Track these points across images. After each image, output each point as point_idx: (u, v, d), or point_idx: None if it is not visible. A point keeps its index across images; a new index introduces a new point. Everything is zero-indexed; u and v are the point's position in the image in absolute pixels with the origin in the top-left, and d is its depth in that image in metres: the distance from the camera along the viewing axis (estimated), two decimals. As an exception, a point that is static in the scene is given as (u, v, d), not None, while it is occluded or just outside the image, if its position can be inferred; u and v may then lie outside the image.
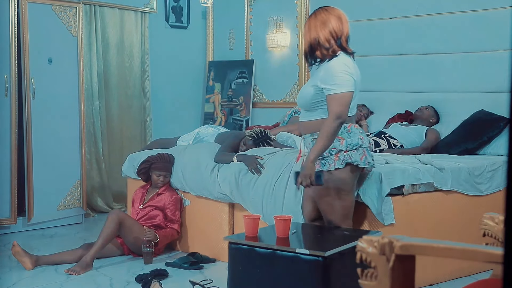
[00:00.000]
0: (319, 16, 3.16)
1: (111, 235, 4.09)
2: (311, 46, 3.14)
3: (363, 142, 3.10)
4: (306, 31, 3.18)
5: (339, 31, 3.15)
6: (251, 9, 6.56)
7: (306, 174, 2.99)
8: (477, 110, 4.76)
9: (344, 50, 3.13)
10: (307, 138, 3.16)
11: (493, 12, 4.86)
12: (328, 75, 3.02)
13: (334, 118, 2.96)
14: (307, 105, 3.13)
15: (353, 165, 3.07)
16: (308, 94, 3.11)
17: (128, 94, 6.28)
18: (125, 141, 6.27)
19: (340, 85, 2.99)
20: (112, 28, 6.13)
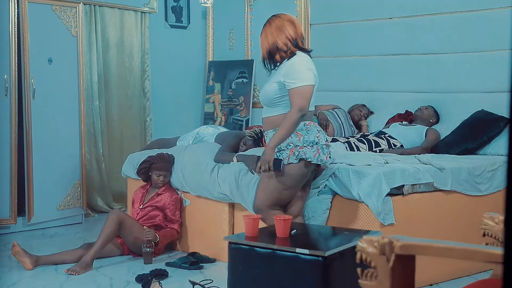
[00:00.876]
0: (273, 23, 3.41)
1: (111, 235, 4.09)
2: (270, 51, 3.38)
3: (319, 140, 3.25)
4: (263, 39, 3.43)
5: (294, 34, 3.37)
6: (251, 9, 6.56)
7: (266, 159, 3.19)
8: (477, 110, 4.76)
9: (302, 50, 3.36)
10: (270, 134, 3.31)
11: (493, 12, 4.86)
12: (290, 70, 3.23)
13: (296, 110, 3.16)
14: (269, 102, 3.30)
15: (306, 161, 3.22)
16: (271, 90, 3.28)
17: (128, 94, 6.27)
18: (125, 141, 6.27)
19: (301, 79, 3.20)
20: (112, 28, 6.12)
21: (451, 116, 4.95)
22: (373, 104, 5.55)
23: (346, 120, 5.38)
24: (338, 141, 4.72)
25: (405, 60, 5.38)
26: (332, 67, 5.93)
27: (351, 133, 5.29)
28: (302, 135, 3.22)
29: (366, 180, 3.50)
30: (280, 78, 3.25)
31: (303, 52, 3.34)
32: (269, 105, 3.31)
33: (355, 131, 5.38)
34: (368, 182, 3.49)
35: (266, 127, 3.36)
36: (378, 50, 5.57)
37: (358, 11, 5.70)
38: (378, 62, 5.56)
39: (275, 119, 3.29)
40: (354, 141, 4.70)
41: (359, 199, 3.51)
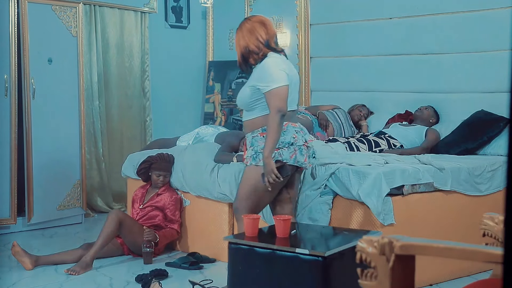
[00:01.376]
0: (244, 27, 3.40)
1: (111, 235, 4.09)
2: (243, 55, 3.36)
3: (296, 141, 3.24)
4: (236, 44, 3.43)
5: (265, 35, 3.36)
6: (251, 9, 6.56)
7: (268, 170, 3.13)
8: (477, 110, 4.76)
9: (274, 50, 3.35)
10: (249, 137, 3.32)
11: (493, 12, 4.86)
12: (262, 73, 3.24)
13: (275, 112, 3.15)
14: (246, 106, 3.32)
15: (282, 162, 3.21)
16: (245, 95, 3.30)
17: (128, 94, 6.27)
18: (125, 141, 6.27)
19: (274, 81, 3.19)
20: (112, 28, 6.12)
21: (451, 116, 4.95)
22: (373, 104, 5.55)
23: (346, 120, 5.38)
24: (338, 141, 4.72)
25: (405, 60, 5.38)
26: (332, 67, 5.93)
27: (351, 133, 5.29)
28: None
29: (366, 180, 3.50)
30: (253, 82, 3.27)
31: (275, 52, 3.32)
32: (246, 109, 3.33)
33: (355, 131, 5.38)
34: (368, 182, 3.49)
35: (246, 130, 3.38)
36: (378, 50, 5.57)
37: (358, 11, 5.70)
38: (378, 62, 5.56)
39: (253, 121, 3.30)
40: (354, 141, 4.70)
41: (359, 199, 3.51)
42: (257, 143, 3.25)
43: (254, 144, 3.26)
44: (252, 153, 3.25)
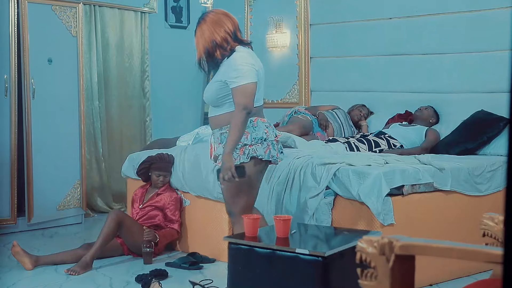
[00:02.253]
0: (208, 18, 3.30)
1: (110, 235, 4.09)
2: (208, 50, 3.24)
3: (268, 136, 3.19)
4: (199, 37, 3.30)
5: (232, 26, 3.28)
6: (251, 9, 6.56)
7: (226, 167, 3.06)
8: (477, 110, 4.76)
9: (241, 43, 3.27)
10: (216, 133, 3.27)
11: (493, 12, 4.86)
12: (231, 69, 3.14)
13: (240, 109, 3.08)
14: (213, 101, 3.24)
15: (257, 158, 3.16)
16: (213, 90, 3.21)
17: (128, 94, 6.28)
18: (125, 141, 6.27)
19: (242, 77, 3.10)
20: (112, 28, 6.12)
21: (450, 116, 4.95)
22: (373, 104, 5.55)
23: (346, 121, 5.38)
24: (338, 141, 4.72)
25: (405, 60, 5.38)
26: (332, 67, 5.93)
27: (351, 133, 5.29)
28: (250, 132, 3.16)
29: (366, 180, 3.50)
30: (221, 77, 3.18)
31: (243, 45, 3.25)
32: (214, 104, 3.24)
33: (355, 131, 5.38)
34: (368, 182, 3.49)
35: (213, 126, 3.30)
36: (378, 50, 5.57)
37: (358, 11, 5.70)
38: (377, 62, 5.56)
39: (221, 118, 3.23)
40: (354, 141, 4.70)
41: (359, 199, 3.51)
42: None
43: (224, 141, 3.18)
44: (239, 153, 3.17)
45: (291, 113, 5.42)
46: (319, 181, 3.65)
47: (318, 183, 3.64)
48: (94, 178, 5.94)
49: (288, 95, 6.29)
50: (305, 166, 3.74)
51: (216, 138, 3.26)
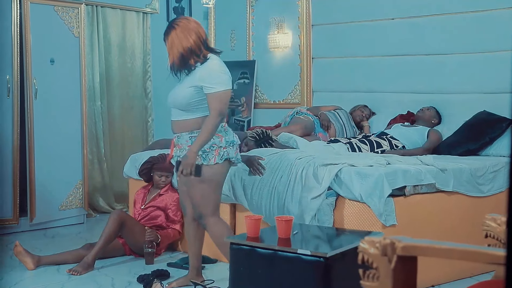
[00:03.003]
0: (182, 25, 3.33)
1: (112, 235, 4.09)
2: (183, 55, 3.30)
3: (236, 139, 3.37)
4: (171, 44, 3.34)
5: (203, 34, 3.36)
6: (253, 9, 6.56)
7: (189, 163, 3.21)
8: (479, 111, 4.75)
9: (212, 51, 3.35)
10: (185, 136, 3.34)
11: (496, 13, 4.85)
12: (207, 75, 3.23)
13: (217, 115, 3.21)
14: (184, 105, 3.31)
15: (229, 160, 3.33)
16: (187, 95, 3.28)
17: (130, 94, 6.28)
18: (127, 142, 6.27)
19: (220, 83, 3.22)
20: (114, 29, 6.13)
21: (453, 117, 4.94)
22: (374, 105, 5.54)
23: (347, 121, 5.38)
24: (339, 142, 4.72)
25: (407, 61, 5.37)
26: (334, 68, 5.93)
27: (352, 134, 5.29)
28: (223, 136, 3.30)
29: (367, 181, 3.50)
30: (196, 83, 3.25)
31: (214, 54, 3.34)
32: (185, 109, 3.31)
33: (357, 132, 5.37)
34: (370, 183, 3.49)
35: (181, 129, 3.36)
36: (380, 50, 5.57)
37: (360, 12, 5.70)
38: (379, 63, 5.56)
39: (192, 122, 3.32)
40: (356, 142, 4.69)
41: (361, 200, 3.51)
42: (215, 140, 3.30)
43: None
44: (200, 154, 3.26)
45: (293, 114, 5.42)
46: (321, 181, 3.64)
47: (320, 184, 3.64)
48: (96, 179, 5.94)
49: (290, 95, 6.29)
50: (307, 166, 3.74)
51: (185, 141, 3.34)
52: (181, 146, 3.35)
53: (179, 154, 3.35)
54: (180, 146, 3.37)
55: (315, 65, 6.11)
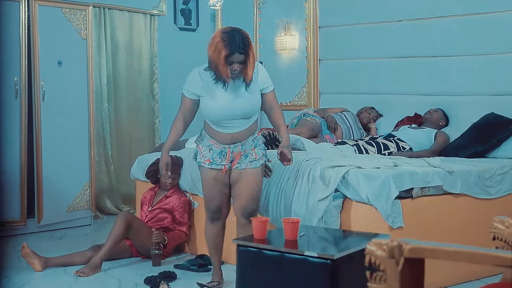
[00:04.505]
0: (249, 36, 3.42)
1: (120, 237, 4.10)
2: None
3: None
4: (252, 57, 3.34)
5: None
6: (260, 11, 6.57)
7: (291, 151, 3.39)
8: (487, 113, 4.74)
9: None
10: (250, 141, 3.44)
11: (504, 15, 4.84)
12: (266, 77, 3.46)
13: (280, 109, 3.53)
14: (256, 111, 3.46)
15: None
16: (258, 101, 3.44)
17: (137, 96, 6.29)
18: (134, 143, 6.28)
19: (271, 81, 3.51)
20: (121, 31, 6.15)
21: (460, 119, 4.92)
22: (382, 106, 5.53)
23: (354, 123, 5.37)
24: (346, 143, 4.71)
25: (414, 63, 5.36)
26: (341, 70, 5.92)
27: (359, 136, 5.28)
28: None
29: (375, 183, 3.49)
30: (260, 87, 3.43)
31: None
32: (253, 115, 3.43)
33: (364, 134, 5.37)
34: (377, 185, 3.48)
35: (247, 136, 3.43)
36: (387, 52, 5.56)
37: (367, 14, 5.69)
38: (387, 65, 5.55)
39: (254, 126, 3.47)
40: (363, 144, 4.69)
41: (368, 202, 3.50)
42: (260, 143, 3.49)
43: (258, 144, 3.47)
44: (263, 152, 3.47)
45: (300, 116, 5.42)
46: (328, 183, 3.64)
47: (327, 186, 3.64)
48: (103, 180, 5.95)
49: (297, 97, 6.29)
50: (314, 168, 3.73)
51: (250, 146, 3.44)
52: (246, 151, 3.43)
53: (244, 159, 3.42)
54: (242, 153, 3.43)
55: (322, 67, 6.11)
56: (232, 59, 3.24)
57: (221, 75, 3.27)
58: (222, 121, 3.39)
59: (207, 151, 3.47)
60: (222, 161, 3.43)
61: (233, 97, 3.34)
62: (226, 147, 3.42)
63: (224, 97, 3.34)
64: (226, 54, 3.21)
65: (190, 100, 3.49)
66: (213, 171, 3.47)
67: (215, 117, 3.39)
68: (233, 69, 3.26)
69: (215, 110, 3.37)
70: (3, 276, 3.95)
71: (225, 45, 3.21)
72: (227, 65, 3.24)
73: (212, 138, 3.45)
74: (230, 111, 3.35)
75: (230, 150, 3.41)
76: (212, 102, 3.37)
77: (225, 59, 3.22)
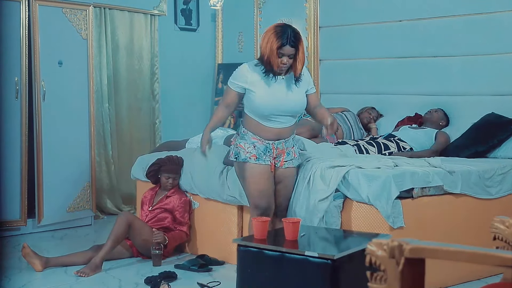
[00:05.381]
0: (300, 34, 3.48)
1: (120, 237, 4.10)
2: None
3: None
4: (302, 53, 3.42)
5: None
6: (261, 11, 6.57)
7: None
8: (487, 113, 4.74)
9: None
10: (290, 140, 3.56)
11: (504, 15, 4.84)
12: (309, 78, 3.59)
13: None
14: (301, 111, 3.62)
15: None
16: (305, 100, 3.52)
17: (138, 96, 6.30)
18: (135, 144, 6.28)
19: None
20: (122, 31, 6.15)
21: (461, 119, 4.92)
22: (382, 106, 5.53)
23: (355, 123, 5.37)
24: (347, 144, 4.71)
25: (415, 63, 5.36)
26: (341, 70, 5.92)
27: (360, 136, 5.28)
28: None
29: (375, 183, 3.49)
30: (307, 87, 3.54)
31: None
32: (300, 112, 3.61)
33: (365, 134, 5.36)
34: (377, 185, 3.48)
35: (290, 134, 3.54)
36: (388, 52, 5.56)
37: (368, 14, 5.69)
38: (387, 65, 5.55)
39: (294, 126, 3.59)
40: (363, 144, 4.69)
41: (368, 202, 3.50)
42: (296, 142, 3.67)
43: (296, 143, 3.66)
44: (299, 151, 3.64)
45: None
46: (328, 183, 3.64)
47: (327, 186, 3.64)
48: (103, 180, 5.95)
49: (298, 97, 6.28)
50: (314, 168, 3.73)
51: (290, 144, 3.56)
52: (288, 149, 3.51)
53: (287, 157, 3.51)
54: (285, 150, 3.51)
55: (322, 67, 6.10)
56: (283, 52, 3.34)
57: (272, 67, 3.35)
58: (271, 115, 3.45)
59: (251, 147, 3.49)
60: (267, 157, 3.47)
61: (285, 92, 3.44)
62: (271, 143, 3.47)
63: (277, 91, 3.43)
64: (278, 45, 3.31)
65: (235, 93, 3.56)
66: (260, 166, 3.49)
67: (267, 110, 3.44)
68: (282, 62, 3.34)
69: (267, 102, 3.42)
70: (4, 276, 3.95)
71: (278, 37, 3.32)
72: (278, 57, 3.34)
73: (256, 135, 3.49)
74: (281, 105, 3.43)
75: (274, 146, 3.47)
76: (264, 95, 3.43)
77: (276, 50, 3.31)
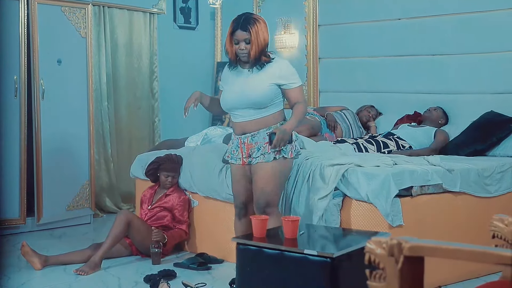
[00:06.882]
0: (261, 21, 3.39)
1: (119, 235, 4.10)
2: (262, 51, 3.35)
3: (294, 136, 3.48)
4: (257, 36, 3.32)
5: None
6: (260, 10, 6.56)
7: (285, 139, 3.28)
8: (487, 111, 4.74)
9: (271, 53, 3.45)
10: (262, 133, 3.36)
11: (503, 13, 4.84)
12: (289, 73, 3.40)
13: (306, 105, 3.48)
14: (264, 103, 3.35)
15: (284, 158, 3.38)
16: (269, 92, 3.34)
17: (137, 95, 6.29)
18: (134, 142, 6.28)
19: (298, 79, 3.44)
20: (121, 29, 6.14)
21: (460, 117, 4.93)
22: (381, 105, 5.53)
23: (354, 121, 5.37)
24: (346, 142, 4.71)
25: (414, 61, 5.37)
26: (341, 68, 5.92)
27: (359, 134, 5.28)
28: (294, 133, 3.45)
29: (374, 181, 3.49)
30: (277, 81, 3.35)
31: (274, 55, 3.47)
32: (263, 106, 3.35)
33: (364, 132, 5.37)
34: (376, 183, 3.48)
35: (258, 127, 3.37)
36: (387, 51, 5.56)
37: (367, 12, 5.69)
38: (386, 63, 5.55)
39: (270, 118, 3.39)
40: (363, 142, 4.69)
41: (368, 200, 3.51)
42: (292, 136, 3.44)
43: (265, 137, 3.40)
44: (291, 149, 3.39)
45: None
46: (327, 182, 3.64)
47: (326, 184, 3.64)
48: (103, 179, 5.96)
49: (297, 96, 6.28)
50: (314, 167, 3.74)
51: (262, 138, 3.36)
52: (258, 143, 3.37)
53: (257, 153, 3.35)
54: (253, 145, 3.38)
55: (321, 65, 6.11)
56: (237, 37, 3.32)
57: (229, 56, 3.37)
58: (232, 109, 3.44)
59: (231, 146, 3.51)
60: (238, 153, 3.44)
61: (243, 84, 3.38)
62: (238, 137, 3.44)
63: (237, 85, 3.40)
64: (230, 31, 3.34)
65: (220, 92, 3.61)
66: (233, 166, 3.50)
67: (227, 105, 3.46)
68: (240, 48, 3.32)
69: (227, 98, 3.44)
70: (3, 274, 3.95)
71: (231, 24, 3.35)
72: (233, 43, 3.33)
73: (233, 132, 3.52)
74: (237, 98, 3.39)
75: (241, 140, 3.42)
76: (226, 91, 3.46)
77: (230, 36, 3.33)
